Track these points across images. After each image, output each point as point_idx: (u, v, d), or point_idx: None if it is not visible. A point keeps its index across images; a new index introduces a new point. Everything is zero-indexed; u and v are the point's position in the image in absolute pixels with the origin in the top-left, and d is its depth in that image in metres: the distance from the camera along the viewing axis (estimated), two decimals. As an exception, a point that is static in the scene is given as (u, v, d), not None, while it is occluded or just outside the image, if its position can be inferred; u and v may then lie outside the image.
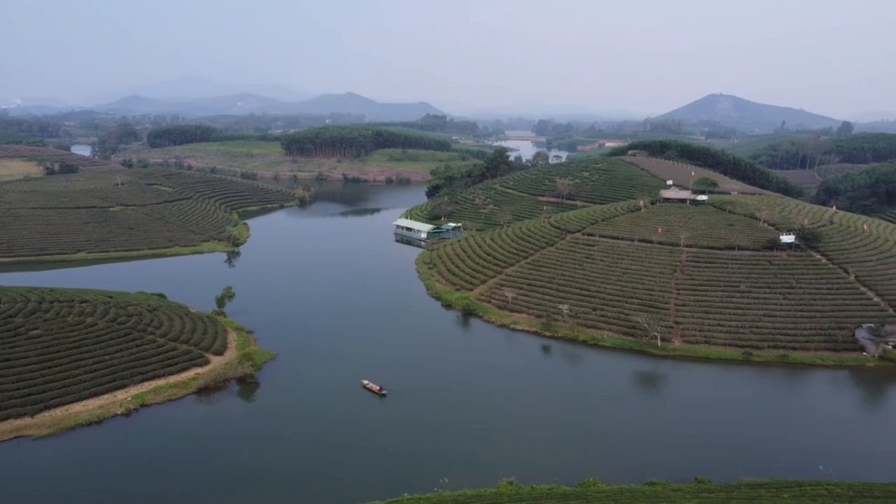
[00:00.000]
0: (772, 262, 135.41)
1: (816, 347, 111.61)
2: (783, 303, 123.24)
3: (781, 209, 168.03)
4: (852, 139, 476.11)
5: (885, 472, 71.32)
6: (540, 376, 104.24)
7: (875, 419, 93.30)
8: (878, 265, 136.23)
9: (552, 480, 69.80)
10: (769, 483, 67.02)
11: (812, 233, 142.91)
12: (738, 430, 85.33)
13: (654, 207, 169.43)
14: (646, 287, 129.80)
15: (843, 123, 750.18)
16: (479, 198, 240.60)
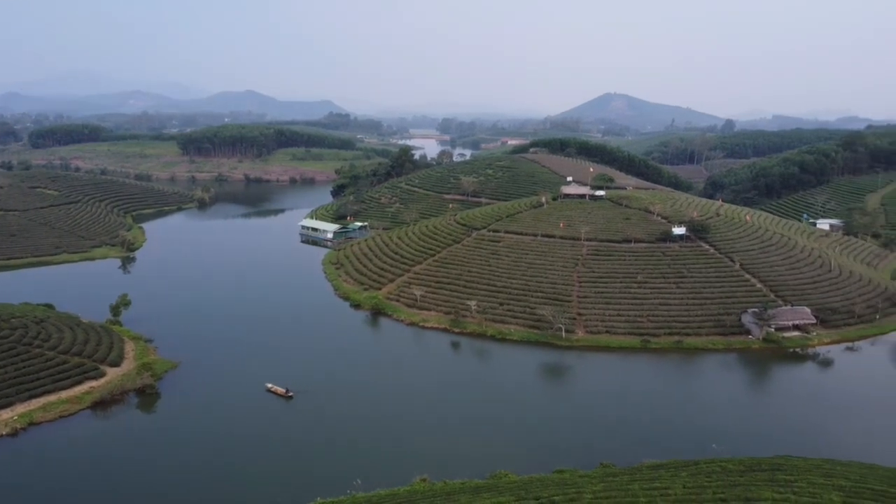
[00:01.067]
0: (665, 253, 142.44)
1: (707, 332, 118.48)
2: (677, 291, 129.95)
3: (673, 203, 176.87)
4: (735, 136, 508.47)
5: (771, 446, 76.41)
6: (450, 372, 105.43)
7: (761, 397, 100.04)
8: (760, 254, 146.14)
9: (465, 475, 70.65)
10: (669, 463, 70.54)
11: (701, 225, 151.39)
12: (640, 414, 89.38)
13: (555, 203, 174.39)
14: (550, 281, 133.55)
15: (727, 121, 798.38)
16: (385, 196, 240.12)
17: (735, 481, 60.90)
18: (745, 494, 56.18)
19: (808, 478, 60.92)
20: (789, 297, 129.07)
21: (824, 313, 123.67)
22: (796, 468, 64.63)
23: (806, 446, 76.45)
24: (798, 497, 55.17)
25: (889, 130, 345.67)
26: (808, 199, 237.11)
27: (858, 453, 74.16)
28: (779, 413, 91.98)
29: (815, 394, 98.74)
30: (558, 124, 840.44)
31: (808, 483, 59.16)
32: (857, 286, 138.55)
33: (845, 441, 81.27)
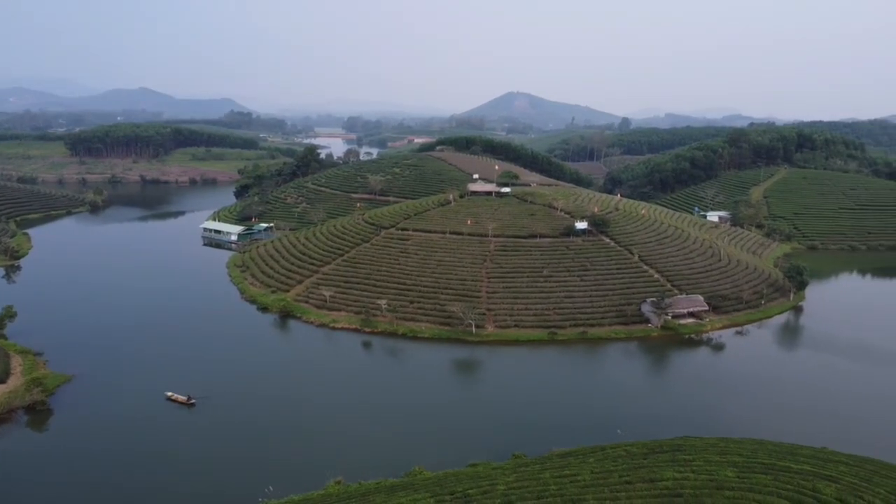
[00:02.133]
0: (569, 247, 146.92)
1: (610, 322, 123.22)
2: (581, 284, 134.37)
3: (575, 199, 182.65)
4: (631, 134, 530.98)
5: (671, 428, 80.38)
6: (362, 373, 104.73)
7: (661, 382, 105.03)
8: (657, 246, 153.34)
9: (379, 474, 70.43)
10: (577, 451, 72.94)
11: (602, 219, 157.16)
12: (549, 404, 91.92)
13: (462, 200, 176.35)
14: (459, 277, 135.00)
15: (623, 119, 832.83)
16: (291, 196, 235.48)
17: (639, 463, 63.76)
18: (649, 475, 58.94)
19: (705, 456, 64.59)
20: (684, 286, 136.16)
21: (716, 300, 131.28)
22: (695, 448, 68.37)
23: (703, 426, 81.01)
24: (696, 475, 58.41)
25: (769, 128, 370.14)
26: (699, 193, 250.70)
27: (750, 430, 79.26)
28: (678, 396, 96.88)
29: (710, 377, 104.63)
30: (464, 122, 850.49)
31: (706, 461, 62.73)
32: (744, 274, 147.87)
33: (738, 419, 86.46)
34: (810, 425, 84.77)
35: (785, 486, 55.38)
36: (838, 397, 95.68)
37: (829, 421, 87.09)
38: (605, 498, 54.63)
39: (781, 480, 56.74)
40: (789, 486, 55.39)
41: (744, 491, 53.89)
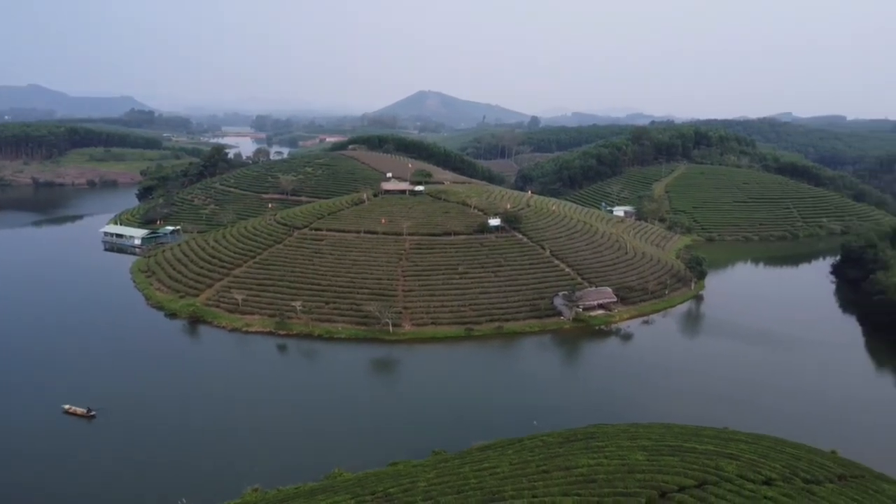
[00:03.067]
0: (483, 244, 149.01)
1: (525, 316, 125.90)
2: (495, 280, 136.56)
3: (488, 196, 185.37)
4: (540, 132, 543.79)
5: (585, 416, 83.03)
6: (277, 376, 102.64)
7: (574, 373, 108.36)
8: (567, 241, 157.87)
9: (298, 479, 69.27)
10: (496, 444, 74.24)
11: (514, 216, 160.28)
12: (468, 400, 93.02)
13: (376, 199, 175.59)
14: (374, 276, 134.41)
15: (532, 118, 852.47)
16: (199, 198, 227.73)
17: (555, 452, 65.60)
18: (565, 463, 60.74)
19: (617, 442, 67.18)
20: (594, 279, 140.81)
21: (623, 292, 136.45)
22: (607, 434, 70.98)
23: (615, 413, 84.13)
24: (609, 460, 60.68)
25: (669, 126, 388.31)
26: (606, 189, 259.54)
27: (658, 415, 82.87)
28: (591, 386, 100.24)
29: (620, 365, 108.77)
30: (376, 121, 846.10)
31: (617, 446, 65.25)
32: (649, 266, 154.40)
33: (647, 405, 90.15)
34: (713, 407, 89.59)
35: (691, 465, 58.38)
36: (737, 380, 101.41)
37: (730, 402, 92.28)
38: (523, 488, 55.85)
39: (687, 461, 59.78)
40: (695, 465, 58.44)
41: (653, 473, 56.41)
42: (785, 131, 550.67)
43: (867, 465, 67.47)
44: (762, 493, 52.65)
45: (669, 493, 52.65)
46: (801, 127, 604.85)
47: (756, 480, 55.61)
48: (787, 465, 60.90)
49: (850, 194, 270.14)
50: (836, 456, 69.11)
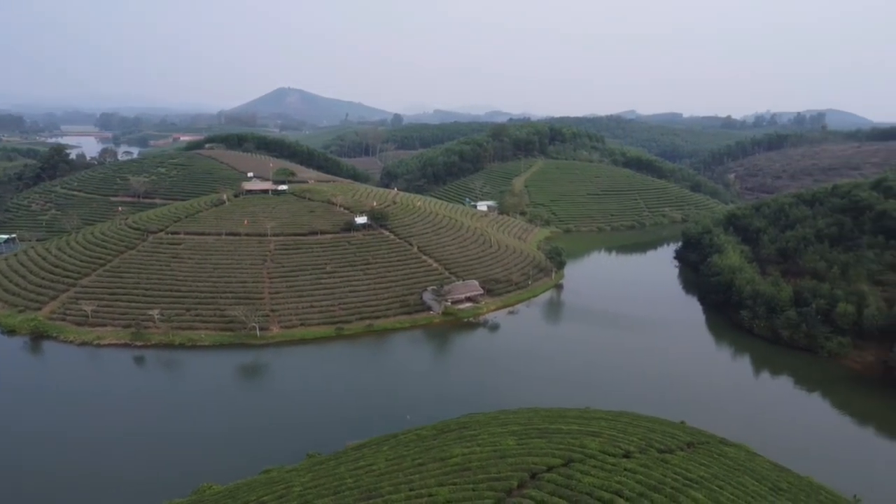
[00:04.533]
0: (350, 242, 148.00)
1: (395, 313, 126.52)
2: (364, 278, 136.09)
3: (354, 194, 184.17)
4: (403, 129, 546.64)
5: (458, 407, 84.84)
6: (136, 391, 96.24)
7: (446, 365, 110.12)
8: (434, 236, 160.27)
9: (165, 496, 65.63)
10: (371, 441, 74.18)
11: (381, 213, 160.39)
12: (342, 400, 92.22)
13: (237, 200, 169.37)
14: (239, 280, 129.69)
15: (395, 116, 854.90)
16: (37, 203, 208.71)
17: (430, 445, 66.61)
18: (440, 455, 61.84)
19: (488, 429, 69.29)
20: (461, 272, 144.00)
21: (490, 284, 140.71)
22: (478, 423, 73.01)
23: (486, 402, 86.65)
24: (482, 448, 62.48)
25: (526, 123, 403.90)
26: (469, 185, 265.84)
27: (526, 400, 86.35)
28: (462, 377, 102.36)
29: (489, 355, 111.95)
30: (234, 119, 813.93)
31: (489, 434, 67.32)
32: (513, 258, 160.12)
33: (516, 392, 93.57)
34: (576, 389, 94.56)
35: (558, 446, 61.39)
36: (596, 361, 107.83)
37: (591, 383, 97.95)
38: (400, 483, 56.28)
39: (554, 442, 62.80)
40: (561, 445, 61.51)
41: (523, 456, 58.78)
42: (630, 128, 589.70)
43: (711, 431, 74.22)
44: (622, 466, 56.37)
45: (539, 473, 55.07)
46: (644, 124, 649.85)
47: (616, 454, 59.45)
48: (644, 437, 65.59)
49: (688, 185, 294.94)
50: (685, 426, 75.37)
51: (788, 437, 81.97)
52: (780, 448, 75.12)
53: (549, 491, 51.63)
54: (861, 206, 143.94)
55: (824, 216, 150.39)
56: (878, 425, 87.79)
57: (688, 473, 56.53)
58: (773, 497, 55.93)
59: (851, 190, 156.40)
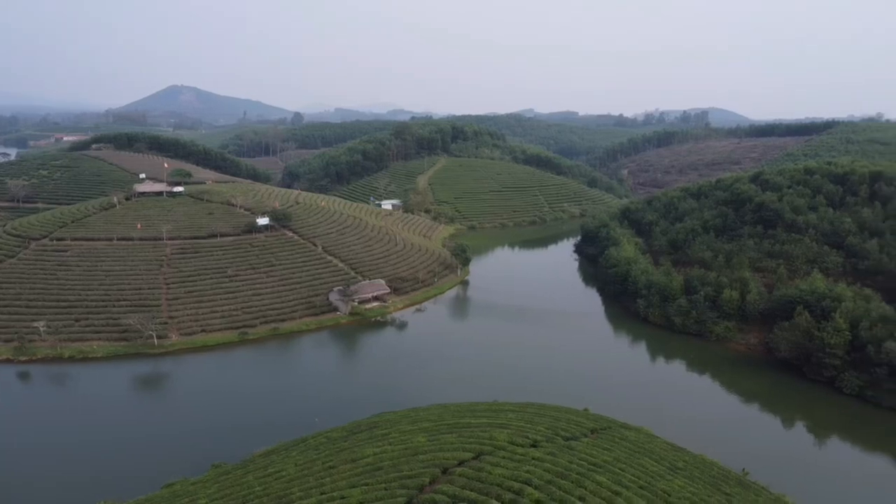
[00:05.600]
0: (252, 244, 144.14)
1: (301, 315, 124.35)
2: (268, 280, 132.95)
3: (255, 194, 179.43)
4: (304, 128, 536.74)
5: (368, 407, 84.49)
6: (20, 409, 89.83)
7: (355, 366, 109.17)
8: (339, 236, 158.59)
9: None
10: (279, 447, 72.70)
11: (283, 213, 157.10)
12: (247, 407, 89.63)
13: (129, 203, 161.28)
14: (133, 287, 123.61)
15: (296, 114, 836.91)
16: None
17: (340, 447, 66.05)
18: (351, 456, 61.45)
19: (399, 427, 69.42)
20: (367, 272, 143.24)
21: (396, 283, 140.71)
22: (389, 422, 73.03)
23: (396, 400, 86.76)
24: (393, 446, 62.56)
25: (428, 122, 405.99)
26: (373, 184, 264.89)
27: (436, 397, 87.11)
28: (371, 377, 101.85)
29: (398, 354, 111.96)
30: (123, 118, 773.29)
31: (400, 432, 67.48)
32: (418, 256, 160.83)
33: (426, 389, 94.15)
34: (484, 383, 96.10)
35: (468, 440, 62.33)
36: (503, 355, 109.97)
37: (498, 376, 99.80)
38: (310, 487, 55.54)
39: (465, 436, 63.73)
40: (472, 439, 62.50)
41: (435, 452, 59.32)
42: (530, 126, 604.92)
43: (613, 417, 77.47)
44: (531, 455, 57.93)
45: (450, 468, 55.75)
46: (542, 122, 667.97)
47: (525, 444, 61.04)
48: (550, 426, 67.67)
49: (585, 181, 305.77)
50: (588, 413, 78.33)
51: (683, 418, 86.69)
52: (677, 429, 79.39)
53: (460, 485, 52.36)
54: (742, 199, 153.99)
55: (710, 208, 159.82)
56: (762, 402, 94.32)
57: (592, 458, 58.79)
58: (671, 476, 59.05)
59: (733, 183, 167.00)
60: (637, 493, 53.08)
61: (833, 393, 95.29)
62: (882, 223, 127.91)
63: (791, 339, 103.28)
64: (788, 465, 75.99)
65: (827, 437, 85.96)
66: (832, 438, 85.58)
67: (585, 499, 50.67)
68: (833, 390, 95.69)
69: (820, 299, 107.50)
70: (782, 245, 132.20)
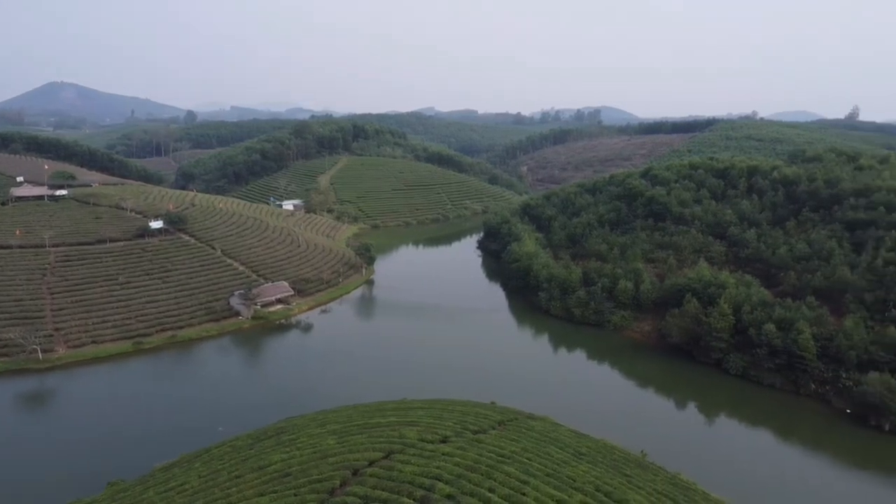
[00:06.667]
0: (145, 249, 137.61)
1: (200, 321, 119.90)
2: (164, 286, 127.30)
3: (146, 197, 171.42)
4: (199, 127, 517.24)
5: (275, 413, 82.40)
6: None
7: (259, 371, 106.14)
8: (238, 238, 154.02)
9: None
10: (181, 460, 69.86)
11: (178, 216, 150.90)
12: (145, 420, 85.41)
13: (6, 208, 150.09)
14: (13, 298, 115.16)
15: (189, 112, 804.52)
16: None
17: (246, 455, 64.33)
18: (258, 464, 60.01)
19: (307, 431, 68.38)
20: (269, 274, 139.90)
21: (300, 284, 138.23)
22: (297, 426, 71.73)
23: (304, 404, 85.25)
24: (302, 451, 61.58)
25: (328, 120, 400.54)
26: (273, 184, 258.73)
27: (345, 398, 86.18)
28: (277, 381, 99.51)
29: (305, 356, 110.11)
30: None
31: (309, 436, 66.48)
32: (322, 257, 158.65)
33: (335, 391, 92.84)
34: (393, 381, 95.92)
35: (378, 439, 62.26)
36: (410, 353, 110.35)
37: (406, 374, 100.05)
38: (216, 498, 53.86)
39: (374, 436, 63.61)
40: (381, 438, 62.47)
41: (345, 454, 58.89)
42: (431, 124, 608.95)
43: (519, 408, 79.46)
44: (440, 451, 58.56)
45: (361, 469, 55.49)
46: (443, 120, 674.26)
47: (434, 440, 61.62)
48: (459, 421, 68.63)
49: (486, 178, 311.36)
50: (495, 406, 79.98)
51: (586, 406, 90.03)
52: (580, 416, 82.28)
53: (371, 485, 52.23)
54: (634, 193, 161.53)
55: (604, 203, 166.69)
56: (656, 386, 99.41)
57: (500, 450, 60.09)
58: (575, 462, 61.27)
59: (625, 179, 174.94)
60: (544, 480, 54.76)
61: (720, 374, 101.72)
62: (759, 214, 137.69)
63: (681, 325, 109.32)
64: (682, 445, 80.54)
65: (716, 415, 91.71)
66: (720, 417, 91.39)
67: (495, 490, 51.77)
68: (720, 371, 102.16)
69: (706, 287, 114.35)
70: (671, 237, 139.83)
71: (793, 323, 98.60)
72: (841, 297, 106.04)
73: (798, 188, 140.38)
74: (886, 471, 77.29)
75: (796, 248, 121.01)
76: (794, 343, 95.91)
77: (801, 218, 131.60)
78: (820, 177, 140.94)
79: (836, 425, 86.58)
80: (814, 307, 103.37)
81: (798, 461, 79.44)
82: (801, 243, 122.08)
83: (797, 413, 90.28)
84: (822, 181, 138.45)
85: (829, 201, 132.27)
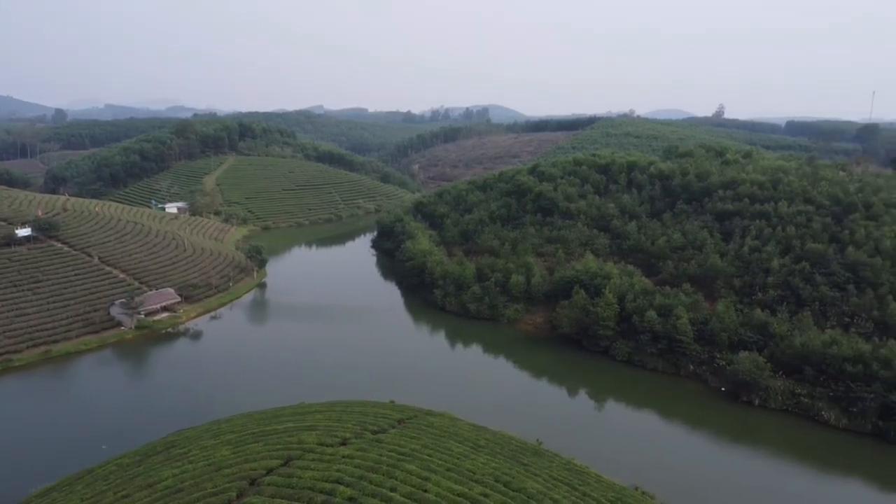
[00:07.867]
0: (12, 258, 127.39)
1: (78, 334, 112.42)
2: (34, 298, 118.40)
3: (11, 202, 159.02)
4: (69, 126, 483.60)
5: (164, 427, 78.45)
6: None
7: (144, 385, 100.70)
8: (118, 244, 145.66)
9: None
10: (61, 483, 65.43)
11: (49, 222, 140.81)
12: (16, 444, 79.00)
13: None
14: None
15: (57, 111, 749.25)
16: None
17: (134, 473, 61.09)
18: (147, 481, 57.10)
19: (200, 443, 65.80)
20: (153, 281, 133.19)
21: (187, 290, 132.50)
22: (188, 439, 68.86)
23: (196, 415, 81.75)
24: (194, 464, 59.19)
25: (213, 119, 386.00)
26: (154, 186, 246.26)
27: (239, 406, 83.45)
28: (166, 394, 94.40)
29: (195, 366, 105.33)
30: None
31: (201, 448, 64.00)
32: (210, 261, 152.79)
33: (229, 400, 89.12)
34: (289, 386, 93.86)
35: (275, 446, 60.84)
36: (307, 356, 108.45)
37: (303, 378, 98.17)
38: (102, 521, 50.83)
39: (271, 443, 62.12)
40: (279, 445, 61.09)
41: (241, 464, 57.11)
42: (320, 122, 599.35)
43: (418, 405, 79.98)
44: (340, 454, 57.99)
45: (258, 478, 54.03)
46: (333, 119, 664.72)
47: (334, 444, 60.95)
48: (358, 422, 68.21)
49: (378, 177, 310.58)
50: (394, 404, 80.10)
51: (483, 398, 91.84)
52: (477, 409, 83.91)
53: (270, 494, 50.99)
54: (523, 189, 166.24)
55: (495, 199, 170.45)
56: (549, 376, 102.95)
57: (401, 449, 60.30)
58: (474, 455, 62.42)
59: (514, 175, 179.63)
60: (445, 475, 55.47)
61: (608, 361, 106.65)
62: (638, 207, 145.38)
63: (571, 316, 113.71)
64: (575, 430, 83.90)
65: (605, 400, 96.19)
66: (609, 401, 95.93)
67: (397, 489, 51.91)
68: (608, 358, 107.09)
69: (593, 278, 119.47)
70: (559, 231, 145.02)
71: (672, 309, 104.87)
72: (713, 283, 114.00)
73: (672, 182, 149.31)
74: (757, 441, 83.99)
75: (673, 238, 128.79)
76: (673, 328, 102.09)
77: (676, 210, 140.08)
78: (692, 171, 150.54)
79: (712, 403, 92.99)
80: (689, 294, 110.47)
81: (681, 438, 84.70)
82: (676, 234, 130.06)
83: (679, 393, 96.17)
84: (694, 175, 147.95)
85: (700, 194, 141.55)
